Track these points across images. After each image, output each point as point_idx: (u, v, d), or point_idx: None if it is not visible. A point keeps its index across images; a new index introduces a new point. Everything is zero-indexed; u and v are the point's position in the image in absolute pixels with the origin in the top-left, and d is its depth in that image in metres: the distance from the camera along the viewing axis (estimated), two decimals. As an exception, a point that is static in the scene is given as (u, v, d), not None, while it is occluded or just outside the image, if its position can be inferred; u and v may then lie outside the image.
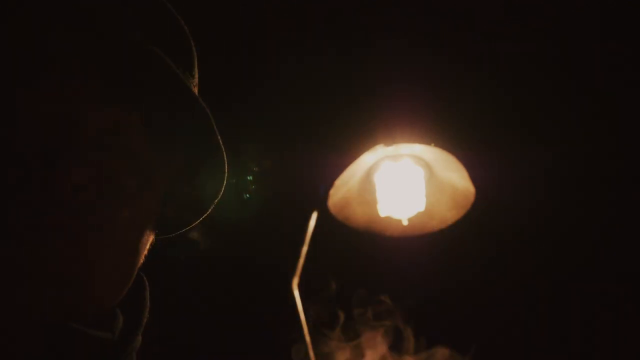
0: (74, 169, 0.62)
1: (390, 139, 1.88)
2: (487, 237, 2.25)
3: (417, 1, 1.84)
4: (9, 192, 0.62)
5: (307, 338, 1.92)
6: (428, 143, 1.88)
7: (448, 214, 2.07)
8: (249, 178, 2.02)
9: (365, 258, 2.24)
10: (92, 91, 0.68)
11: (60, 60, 0.67)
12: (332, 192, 1.96)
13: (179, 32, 0.79)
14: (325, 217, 2.03)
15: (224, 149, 0.74)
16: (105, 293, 0.66)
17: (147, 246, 0.73)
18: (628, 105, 1.99)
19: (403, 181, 1.96)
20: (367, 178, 2.01)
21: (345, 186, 1.99)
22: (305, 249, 2.04)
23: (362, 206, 2.06)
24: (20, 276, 0.62)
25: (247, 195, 2.02)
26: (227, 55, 1.81)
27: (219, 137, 0.73)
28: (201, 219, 0.82)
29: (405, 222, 1.98)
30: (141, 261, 0.72)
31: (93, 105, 0.67)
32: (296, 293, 2.00)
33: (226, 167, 0.77)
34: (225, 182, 0.78)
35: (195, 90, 0.80)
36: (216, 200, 0.80)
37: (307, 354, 1.87)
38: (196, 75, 0.81)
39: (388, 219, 2.00)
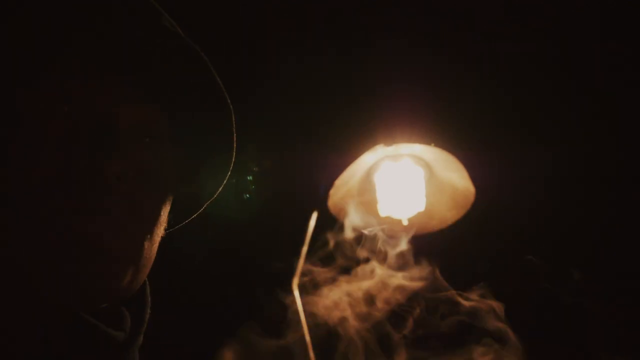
0: (115, 160, 0.66)
1: (390, 139, 1.88)
2: (487, 237, 2.25)
3: (417, 1, 1.83)
4: (48, 181, 0.64)
5: (307, 338, 1.92)
6: (428, 143, 1.88)
7: (448, 214, 2.07)
8: (249, 178, 2.02)
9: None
10: (100, 90, 0.69)
11: (61, 60, 0.67)
12: (332, 192, 1.96)
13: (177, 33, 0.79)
14: (325, 217, 2.03)
15: (234, 152, 0.78)
16: (140, 268, 0.70)
17: (162, 232, 0.76)
18: (628, 105, 1.99)
19: (403, 181, 1.96)
20: (367, 178, 2.01)
21: (345, 186, 1.99)
22: (305, 249, 2.03)
23: (362, 206, 2.06)
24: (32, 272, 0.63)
25: (247, 195, 2.02)
26: (227, 55, 1.81)
27: (235, 138, 0.77)
28: (194, 215, 0.85)
29: (405, 222, 1.98)
30: (157, 248, 0.75)
31: (121, 103, 0.69)
32: (296, 293, 2.00)
33: (230, 167, 0.79)
34: (224, 182, 0.80)
35: None
36: (211, 199, 0.83)
37: (307, 353, 1.87)
38: None
39: (388, 219, 2.00)
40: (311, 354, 1.87)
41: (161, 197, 0.74)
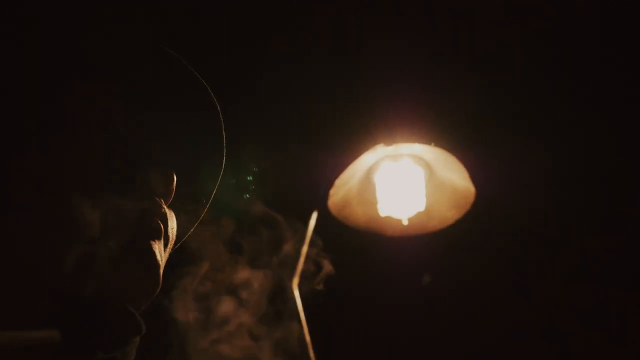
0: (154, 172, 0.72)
1: (390, 139, 1.88)
2: (487, 237, 2.25)
3: (417, 1, 1.83)
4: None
5: (307, 338, 1.92)
6: (428, 143, 1.88)
7: (448, 214, 2.07)
8: (248, 178, 2.02)
9: (365, 258, 2.24)
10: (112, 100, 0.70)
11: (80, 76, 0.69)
12: (332, 192, 1.96)
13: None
14: (325, 217, 2.03)
15: (224, 156, 0.79)
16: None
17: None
18: (628, 106, 1.99)
19: (403, 181, 1.96)
20: (367, 178, 2.01)
21: (345, 186, 1.99)
22: (305, 249, 2.03)
23: (362, 206, 2.06)
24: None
25: (247, 196, 2.02)
26: (227, 56, 1.81)
27: (224, 140, 0.78)
28: (197, 223, 0.85)
29: (405, 222, 1.98)
30: None
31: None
32: (296, 293, 2.00)
33: (221, 172, 0.81)
34: (219, 179, 0.82)
35: None
36: (210, 199, 0.84)
37: (307, 353, 1.87)
38: None
39: (388, 219, 2.00)
40: (311, 354, 1.87)
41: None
